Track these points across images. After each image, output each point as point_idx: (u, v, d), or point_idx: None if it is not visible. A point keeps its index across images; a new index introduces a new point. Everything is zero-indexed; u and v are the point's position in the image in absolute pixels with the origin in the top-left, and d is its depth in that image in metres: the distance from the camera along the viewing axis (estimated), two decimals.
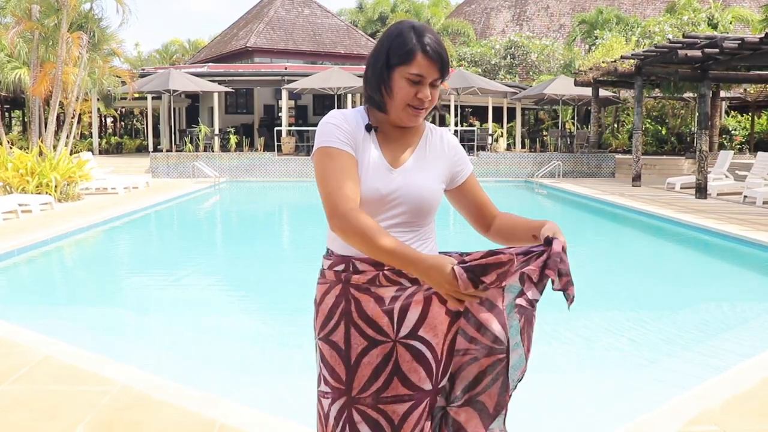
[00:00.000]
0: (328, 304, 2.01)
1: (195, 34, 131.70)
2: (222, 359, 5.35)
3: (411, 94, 1.94)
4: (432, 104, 2.00)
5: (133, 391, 3.89)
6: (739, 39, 14.07)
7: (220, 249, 11.39)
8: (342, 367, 1.97)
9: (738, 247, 9.74)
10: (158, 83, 22.68)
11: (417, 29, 1.96)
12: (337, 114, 2.03)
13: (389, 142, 2.05)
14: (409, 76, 1.93)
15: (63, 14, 15.58)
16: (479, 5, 50.57)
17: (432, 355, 1.94)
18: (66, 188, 14.43)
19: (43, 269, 9.12)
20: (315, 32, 36.80)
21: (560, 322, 6.44)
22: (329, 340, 2.00)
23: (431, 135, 2.13)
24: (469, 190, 2.18)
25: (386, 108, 2.00)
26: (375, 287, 1.96)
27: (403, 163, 2.03)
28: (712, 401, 3.72)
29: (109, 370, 4.19)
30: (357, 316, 1.96)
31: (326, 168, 1.92)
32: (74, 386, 3.96)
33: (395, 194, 1.98)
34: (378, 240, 1.79)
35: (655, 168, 22.68)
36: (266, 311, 7.20)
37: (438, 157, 2.10)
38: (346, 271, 1.99)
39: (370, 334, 1.96)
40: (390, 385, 1.94)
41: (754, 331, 6.12)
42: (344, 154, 1.94)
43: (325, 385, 2.01)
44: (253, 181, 21.96)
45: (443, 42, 2.01)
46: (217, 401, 3.73)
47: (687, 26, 26.56)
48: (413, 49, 1.92)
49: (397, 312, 1.95)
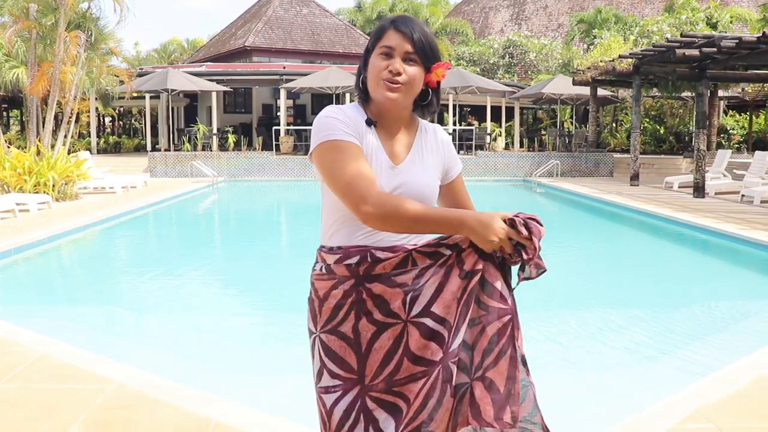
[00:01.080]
0: (336, 297, 1.96)
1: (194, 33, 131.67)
2: (219, 358, 5.35)
3: (382, 67, 1.94)
4: (411, 84, 1.97)
5: (129, 389, 3.88)
6: (737, 38, 14.07)
7: (217, 248, 11.39)
8: (353, 356, 1.94)
9: (735, 246, 9.75)
10: (156, 82, 22.66)
11: (396, 16, 2.03)
12: (334, 108, 2.01)
13: (388, 137, 2.04)
14: (380, 50, 1.96)
15: (60, 13, 15.56)
16: (478, 4, 50.57)
17: (444, 328, 1.89)
18: (64, 187, 14.41)
19: (40, 268, 9.12)
20: (313, 31, 36.77)
21: (556, 320, 6.46)
22: (337, 332, 1.96)
23: (425, 131, 2.13)
24: (456, 189, 2.19)
25: (367, 92, 2.02)
26: (399, 275, 1.92)
27: (403, 160, 2.03)
28: (708, 399, 3.72)
29: (105, 369, 4.19)
30: (371, 303, 1.93)
31: (336, 161, 1.89)
32: (70, 385, 3.95)
33: (398, 191, 1.96)
34: (417, 210, 1.82)
35: (653, 167, 22.69)
36: (264, 310, 7.21)
37: (433, 153, 2.11)
38: (363, 264, 1.94)
39: (379, 319, 1.92)
40: (402, 367, 1.90)
41: (751, 330, 6.13)
42: (352, 145, 1.92)
43: (332, 378, 1.96)
44: (251, 181, 21.94)
45: (428, 30, 2.02)
46: (213, 400, 3.73)
47: (685, 25, 26.56)
48: (384, 25, 1.99)
49: (413, 292, 1.91)
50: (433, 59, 2.00)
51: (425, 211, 1.84)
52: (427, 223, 1.85)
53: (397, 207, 1.82)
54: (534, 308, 6.44)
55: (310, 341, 2.07)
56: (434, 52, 2.00)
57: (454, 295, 1.90)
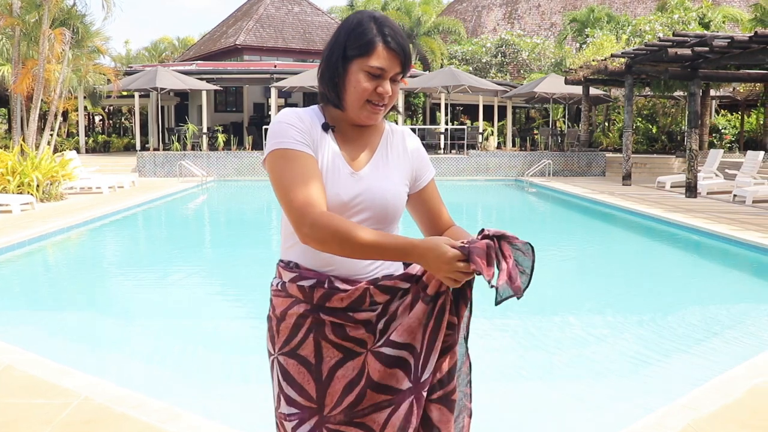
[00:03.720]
0: (293, 316, 1.81)
1: (185, 32, 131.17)
2: (193, 369, 5.15)
3: (370, 89, 1.78)
4: (392, 101, 1.84)
5: (95, 403, 3.70)
6: (728, 37, 13.97)
7: (202, 252, 11.15)
8: (312, 384, 1.78)
9: (727, 248, 9.62)
10: (145, 81, 22.43)
11: (378, 20, 1.80)
12: (289, 112, 1.84)
13: (348, 142, 1.87)
14: (368, 69, 1.77)
15: (44, 10, 15.33)
16: (470, 3, 50.43)
17: (409, 354, 1.74)
18: (49, 188, 14.18)
19: (16, 272, 8.87)
20: (305, 30, 36.58)
21: (539, 324, 6.30)
22: (297, 355, 1.80)
23: (392, 135, 1.96)
24: (428, 197, 2.00)
25: (343, 105, 1.83)
26: (357, 312, 1.76)
27: (364, 166, 1.86)
28: (700, 411, 3.57)
29: (71, 382, 4.00)
30: (332, 334, 1.78)
31: (284, 172, 1.74)
32: (33, 399, 3.77)
33: (358, 199, 1.80)
34: (361, 237, 1.63)
35: (645, 166, 22.58)
36: (249, 318, 6.93)
37: (400, 159, 1.93)
38: (318, 290, 1.79)
39: (348, 346, 1.78)
40: (364, 398, 1.75)
41: (744, 335, 5.97)
42: (303, 155, 1.76)
43: (289, 406, 1.81)
44: (241, 180, 21.72)
45: (405, 35, 1.85)
46: (179, 415, 3.54)
47: (678, 25, 26.49)
48: (374, 39, 1.77)
49: (381, 327, 1.77)
50: (409, 69, 1.85)
51: (371, 238, 1.65)
52: (373, 250, 1.66)
53: (337, 232, 1.65)
54: (518, 311, 6.28)
55: (269, 362, 1.91)
56: (411, 63, 1.85)
57: (419, 320, 1.74)
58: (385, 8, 38.03)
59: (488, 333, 5.67)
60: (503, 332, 5.88)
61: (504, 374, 4.97)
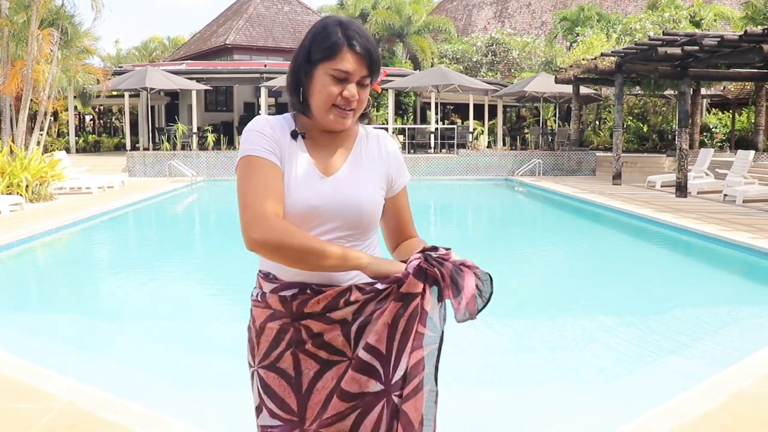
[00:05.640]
0: (273, 329, 1.80)
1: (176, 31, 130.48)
2: (177, 373, 5.11)
3: (335, 93, 1.76)
4: (361, 106, 1.82)
5: (77, 408, 3.67)
6: (718, 36, 14.00)
7: (189, 254, 11.08)
8: (293, 396, 1.78)
9: (717, 248, 9.61)
10: (135, 81, 22.33)
11: (344, 24, 1.79)
12: (261, 120, 1.83)
13: (319, 148, 1.85)
14: (333, 72, 1.75)
15: (33, 10, 15.24)
16: (461, 2, 50.43)
17: (373, 357, 1.71)
18: (38, 188, 14.10)
19: (2, 274, 8.81)
20: (295, 29, 36.50)
21: (525, 327, 6.29)
22: (277, 368, 1.79)
23: (366, 139, 1.94)
24: (397, 205, 1.98)
25: (309, 110, 1.81)
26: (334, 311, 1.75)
27: (336, 171, 1.84)
28: (684, 416, 3.56)
29: (54, 385, 3.96)
30: (311, 340, 1.76)
31: (245, 177, 1.74)
32: (13, 403, 3.73)
33: (328, 205, 1.78)
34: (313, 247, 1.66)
35: (636, 166, 22.61)
36: (232, 322, 6.79)
37: (375, 163, 1.91)
38: (300, 297, 1.78)
39: (324, 357, 1.76)
40: (329, 405, 1.74)
41: (731, 337, 5.97)
42: (267, 164, 1.75)
43: (271, 418, 1.80)
44: (231, 180, 21.62)
45: (373, 40, 1.82)
46: (160, 420, 3.51)
47: (668, 23, 26.52)
48: (338, 42, 1.75)
49: (357, 327, 1.75)
50: (378, 74, 1.83)
51: (320, 248, 1.66)
52: (322, 259, 1.67)
53: (283, 240, 1.65)
54: (502, 313, 6.27)
55: (249, 373, 1.90)
56: (380, 67, 1.83)
57: (385, 322, 1.72)
58: (375, 7, 37.92)
59: (470, 337, 5.65)
60: (486, 336, 5.85)
61: (485, 379, 4.95)
